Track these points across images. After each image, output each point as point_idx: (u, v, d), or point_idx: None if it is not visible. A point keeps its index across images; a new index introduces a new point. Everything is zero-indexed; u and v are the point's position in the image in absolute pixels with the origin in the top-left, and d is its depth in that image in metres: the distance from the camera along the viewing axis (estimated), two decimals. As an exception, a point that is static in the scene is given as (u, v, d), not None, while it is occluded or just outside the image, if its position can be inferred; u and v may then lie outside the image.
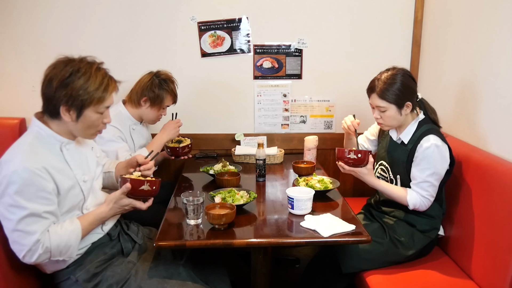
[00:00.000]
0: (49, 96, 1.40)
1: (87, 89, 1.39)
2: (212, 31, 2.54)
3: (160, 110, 2.18)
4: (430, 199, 1.76)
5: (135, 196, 1.52)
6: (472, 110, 1.99)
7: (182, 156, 2.25)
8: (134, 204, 1.53)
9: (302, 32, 2.57)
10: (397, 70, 1.80)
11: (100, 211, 1.51)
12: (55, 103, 1.39)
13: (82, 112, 1.41)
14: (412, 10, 2.55)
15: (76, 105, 1.39)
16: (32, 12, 2.45)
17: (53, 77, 1.39)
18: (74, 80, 1.38)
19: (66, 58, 1.44)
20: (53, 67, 1.42)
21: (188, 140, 2.29)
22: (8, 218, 1.34)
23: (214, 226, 1.56)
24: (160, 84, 2.12)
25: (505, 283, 1.51)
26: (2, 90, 2.55)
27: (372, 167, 1.82)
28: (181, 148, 2.21)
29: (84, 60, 1.45)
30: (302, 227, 1.59)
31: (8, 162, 1.35)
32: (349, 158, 1.77)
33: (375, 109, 1.84)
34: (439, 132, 1.79)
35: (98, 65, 1.46)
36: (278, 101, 2.67)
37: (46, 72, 1.42)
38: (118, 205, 1.51)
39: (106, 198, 1.53)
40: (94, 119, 1.45)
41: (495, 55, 1.82)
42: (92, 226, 1.51)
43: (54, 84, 1.38)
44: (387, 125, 1.85)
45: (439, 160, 1.72)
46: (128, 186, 1.47)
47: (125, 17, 2.49)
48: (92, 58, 1.48)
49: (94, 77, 1.41)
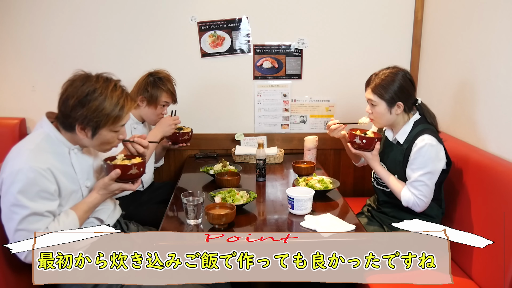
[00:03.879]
0: (66, 114, 1.41)
1: (102, 110, 1.40)
2: (212, 31, 2.54)
3: (158, 109, 2.16)
4: (424, 199, 1.74)
5: (124, 180, 1.52)
6: (472, 110, 1.99)
7: (181, 143, 2.22)
8: (124, 187, 1.53)
9: (302, 32, 2.57)
10: (397, 70, 1.80)
11: (91, 198, 1.51)
12: (71, 121, 1.41)
13: (97, 131, 1.43)
14: (412, 10, 2.55)
15: (92, 126, 1.41)
16: (32, 12, 2.45)
17: (70, 95, 1.40)
18: (90, 100, 1.39)
19: (84, 75, 1.44)
20: (71, 83, 1.42)
21: (189, 128, 2.27)
22: (11, 218, 1.34)
23: (214, 226, 1.56)
24: (154, 82, 2.11)
25: (505, 283, 1.51)
26: (2, 90, 2.55)
27: (377, 153, 1.86)
28: (180, 134, 2.19)
29: (101, 78, 1.44)
30: (302, 227, 1.59)
31: (13, 160, 1.36)
32: (355, 142, 1.86)
33: (368, 103, 1.87)
34: (434, 131, 1.79)
35: (114, 83, 1.46)
36: (278, 101, 2.67)
37: (64, 87, 1.43)
38: (108, 190, 1.51)
39: (95, 185, 1.53)
40: (109, 138, 1.47)
41: (495, 55, 1.82)
42: (87, 214, 1.51)
43: (71, 103, 1.39)
44: (376, 121, 1.87)
45: (433, 159, 1.72)
46: (118, 172, 1.48)
47: (125, 18, 2.49)
48: (109, 75, 1.48)
49: (110, 98, 1.41)
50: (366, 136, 1.83)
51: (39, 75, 2.51)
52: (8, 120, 2.48)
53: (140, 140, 1.62)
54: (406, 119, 1.85)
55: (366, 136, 1.83)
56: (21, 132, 2.47)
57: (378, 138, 1.84)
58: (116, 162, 1.53)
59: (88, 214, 1.53)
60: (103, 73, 1.48)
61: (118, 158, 1.57)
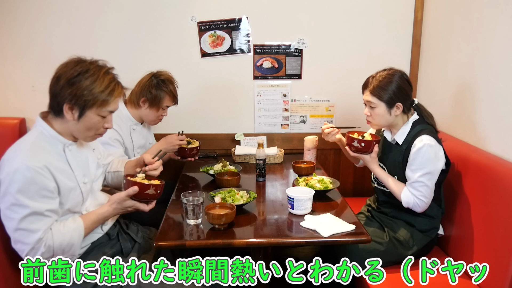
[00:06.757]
0: (55, 93, 1.41)
1: (92, 90, 1.40)
2: (212, 31, 2.54)
3: (160, 111, 2.17)
4: (424, 200, 1.74)
5: (139, 199, 1.52)
6: (472, 110, 1.99)
7: (189, 158, 2.26)
8: (138, 206, 1.54)
9: (302, 32, 2.57)
10: (394, 71, 1.81)
11: (103, 210, 1.52)
12: (59, 100, 1.40)
13: (84, 112, 1.42)
14: (412, 10, 2.55)
15: (79, 105, 1.40)
16: (33, 13, 2.45)
17: (62, 74, 1.40)
18: (81, 79, 1.39)
19: (78, 58, 1.45)
20: (65, 65, 1.43)
21: (196, 142, 2.29)
22: (10, 217, 1.34)
23: (214, 226, 1.56)
24: (158, 84, 2.12)
25: (505, 283, 1.51)
26: (2, 90, 2.55)
27: (376, 156, 1.86)
28: (189, 149, 2.22)
29: (95, 62, 1.46)
30: (302, 227, 1.59)
31: (10, 161, 1.36)
32: (353, 146, 1.85)
33: (366, 105, 1.86)
34: (433, 132, 1.79)
35: (107, 69, 1.47)
36: (278, 101, 2.67)
37: (57, 69, 1.44)
38: (121, 206, 1.52)
39: (110, 198, 1.53)
40: (95, 121, 1.45)
41: (494, 55, 1.82)
42: (94, 225, 1.52)
43: (62, 82, 1.39)
44: (375, 123, 1.87)
45: (432, 160, 1.71)
46: (136, 189, 1.48)
47: (125, 18, 2.49)
48: (104, 62, 1.49)
49: (101, 79, 1.42)
50: (365, 139, 1.83)
51: (39, 75, 2.51)
52: (8, 120, 2.48)
53: (149, 167, 1.66)
54: (405, 120, 1.85)
55: (365, 139, 1.83)
56: (21, 132, 2.47)
57: (376, 140, 1.84)
58: (136, 179, 1.54)
59: (96, 225, 1.53)
60: (98, 60, 1.48)
61: (138, 176, 1.58)
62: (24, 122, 2.51)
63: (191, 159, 2.27)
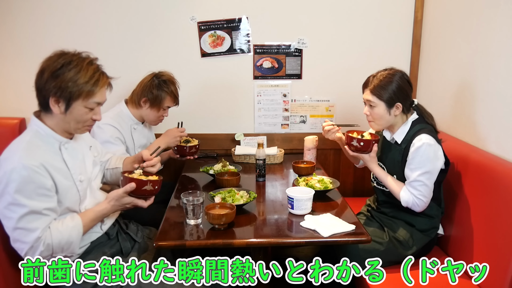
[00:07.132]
0: (40, 87, 1.40)
1: (76, 81, 1.39)
2: (212, 31, 2.54)
3: (161, 111, 2.17)
4: (423, 199, 1.74)
5: (137, 195, 1.52)
6: (472, 110, 1.99)
7: (188, 156, 2.25)
8: (136, 202, 1.53)
9: (302, 32, 2.57)
10: (394, 71, 1.81)
11: (101, 208, 1.52)
12: (44, 94, 1.40)
13: (71, 104, 1.40)
14: (412, 10, 2.55)
15: (65, 97, 1.39)
16: (32, 12, 2.45)
17: (46, 68, 1.40)
18: (64, 71, 1.38)
19: (60, 51, 1.44)
20: (48, 59, 1.42)
21: (196, 141, 2.29)
22: (9, 217, 1.34)
23: (214, 226, 1.56)
24: (159, 85, 2.12)
25: (505, 283, 1.51)
26: (2, 90, 2.55)
27: (375, 155, 1.86)
28: (188, 147, 2.21)
29: (78, 54, 1.45)
30: (302, 227, 1.59)
31: (6, 160, 1.35)
32: (352, 145, 1.85)
33: (366, 104, 1.86)
34: (432, 131, 1.79)
35: (91, 59, 1.46)
36: (278, 101, 2.67)
37: (41, 63, 1.43)
38: (119, 203, 1.51)
39: (108, 195, 1.53)
40: (82, 113, 1.44)
41: (494, 55, 1.82)
42: (93, 223, 1.51)
43: (45, 75, 1.38)
44: (375, 122, 1.87)
45: (431, 159, 1.71)
46: (133, 185, 1.47)
47: (125, 18, 2.49)
48: (87, 54, 1.48)
49: (85, 70, 1.41)
50: (364, 139, 1.83)
51: (39, 75, 2.50)
52: (8, 120, 2.48)
53: (147, 163, 1.65)
54: (404, 120, 1.85)
55: (364, 139, 1.83)
56: (21, 132, 2.44)
57: (376, 140, 1.84)
58: (133, 176, 1.54)
59: (95, 223, 1.53)
60: (81, 52, 1.47)
61: (136, 173, 1.58)
62: (24, 122, 2.51)
63: (190, 157, 2.26)
